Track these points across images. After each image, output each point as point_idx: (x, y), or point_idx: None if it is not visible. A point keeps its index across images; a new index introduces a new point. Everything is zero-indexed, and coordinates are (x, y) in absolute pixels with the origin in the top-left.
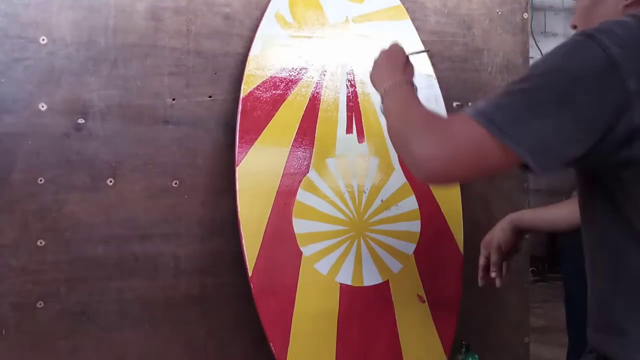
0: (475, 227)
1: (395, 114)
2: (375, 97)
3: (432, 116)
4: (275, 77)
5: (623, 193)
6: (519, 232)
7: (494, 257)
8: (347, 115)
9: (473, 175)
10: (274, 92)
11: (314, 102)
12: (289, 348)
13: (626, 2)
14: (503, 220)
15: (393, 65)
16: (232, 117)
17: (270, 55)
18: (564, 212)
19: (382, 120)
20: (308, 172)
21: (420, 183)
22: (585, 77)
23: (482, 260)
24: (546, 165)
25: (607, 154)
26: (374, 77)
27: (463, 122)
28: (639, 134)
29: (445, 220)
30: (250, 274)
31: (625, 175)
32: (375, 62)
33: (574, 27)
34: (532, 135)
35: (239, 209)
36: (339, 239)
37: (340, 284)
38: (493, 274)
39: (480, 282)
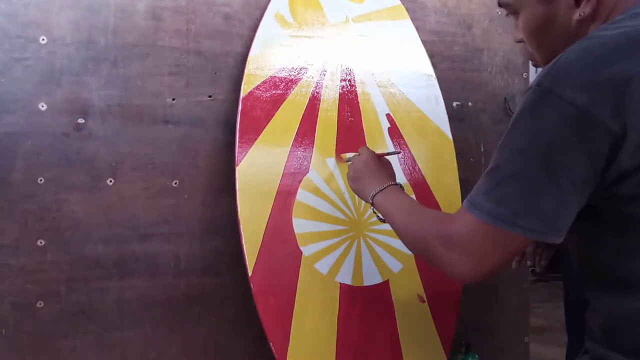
0: None
1: (401, 217)
2: (375, 97)
3: (441, 224)
4: (275, 77)
5: (619, 226)
6: None
7: (528, 248)
8: (347, 115)
9: (503, 265)
10: (274, 92)
11: (314, 102)
12: (289, 348)
13: (579, 17)
14: None
15: (372, 171)
16: (232, 117)
17: (270, 55)
18: None
19: (383, 121)
20: (308, 172)
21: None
22: (564, 138)
23: None
24: (560, 232)
25: (605, 187)
26: (359, 188)
27: (474, 226)
28: (627, 173)
29: None
30: (250, 274)
31: (623, 209)
32: (352, 173)
33: (520, 41)
34: (540, 217)
35: (239, 209)
36: (339, 239)
37: (340, 283)
38: (528, 262)
39: (514, 265)
